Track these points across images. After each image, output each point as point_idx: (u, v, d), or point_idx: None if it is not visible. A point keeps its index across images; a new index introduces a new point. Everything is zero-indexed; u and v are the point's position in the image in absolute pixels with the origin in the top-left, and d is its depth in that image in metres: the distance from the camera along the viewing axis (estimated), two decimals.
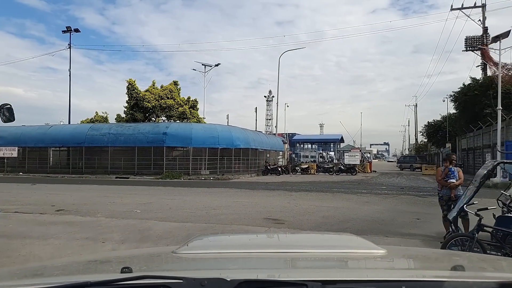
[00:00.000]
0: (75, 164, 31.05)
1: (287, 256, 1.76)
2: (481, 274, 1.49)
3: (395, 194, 15.29)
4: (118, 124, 30.96)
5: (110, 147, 29.58)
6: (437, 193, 7.50)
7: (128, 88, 32.05)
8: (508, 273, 1.60)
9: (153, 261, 1.87)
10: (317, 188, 18.15)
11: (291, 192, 15.83)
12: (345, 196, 14.07)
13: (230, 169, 29.37)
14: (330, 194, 15.05)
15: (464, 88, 34.68)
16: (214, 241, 2.38)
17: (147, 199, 13.23)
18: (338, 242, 2.21)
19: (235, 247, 1.96)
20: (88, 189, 17.47)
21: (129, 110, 32.33)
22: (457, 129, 39.90)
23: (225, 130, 30.30)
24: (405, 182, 23.99)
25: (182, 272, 1.43)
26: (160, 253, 2.11)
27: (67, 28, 35.31)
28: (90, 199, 13.18)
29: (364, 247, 1.88)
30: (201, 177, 27.67)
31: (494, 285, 1.10)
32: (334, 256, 1.75)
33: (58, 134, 31.10)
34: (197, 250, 1.84)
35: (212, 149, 28.79)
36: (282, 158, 41.86)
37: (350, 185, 20.51)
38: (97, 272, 1.61)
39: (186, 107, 32.34)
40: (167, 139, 27.74)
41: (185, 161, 28.79)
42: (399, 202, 12.56)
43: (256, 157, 33.55)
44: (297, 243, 2.24)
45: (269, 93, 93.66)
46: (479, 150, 29.36)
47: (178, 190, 16.82)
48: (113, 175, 28.60)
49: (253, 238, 2.54)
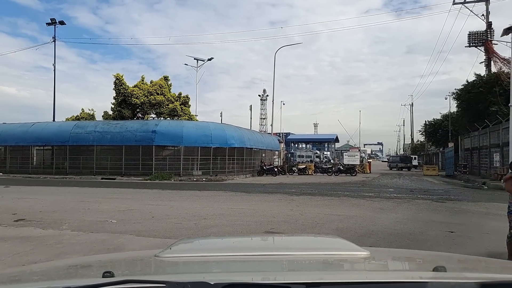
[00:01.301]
0: (59, 164, 29.22)
1: (271, 258, 1.73)
2: (462, 275, 1.51)
3: (408, 198, 13.74)
4: (105, 122, 29.14)
5: (96, 146, 27.79)
6: (506, 204, 5.54)
7: (116, 83, 30.16)
8: (488, 273, 1.63)
9: (135, 265, 1.86)
10: (320, 191, 16.56)
11: (292, 196, 14.21)
12: (354, 201, 12.48)
13: (224, 169, 27.70)
14: (336, 198, 13.46)
15: (468, 85, 33.30)
16: (197, 244, 2.37)
17: (128, 204, 11.54)
18: (322, 244, 2.21)
19: (219, 250, 1.95)
20: (66, 192, 15.72)
21: (117, 106, 30.47)
22: (459, 128, 38.58)
23: (219, 128, 28.61)
24: (410, 184, 22.50)
25: (165, 276, 1.44)
26: (142, 257, 2.06)
27: (52, 21, 33.33)
28: (64, 204, 11.46)
29: (348, 248, 1.87)
30: (193, 178, 25.97)
31: (475, 285, 1.10)
32: (318, 258, 1.76)
33: (41, 133, 29.21)
34: (180, 254, 1.81)
35: (205, 148, 27.11)
36: (278, 158, 40.25)
37: (354, 187, 18.96)
38: (77, 276, 1.57)
39: (177, 103, 30.53)
40: (156, 137, 25.99)
41: (175, 161, 27.07)
42: (418, 208, 10.98)
43: (251, 156, 31.92)
44: (281, 245, 2.26)
45: (263, 92, 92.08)
46: (485, 149, 27.90)
47: (166, 194, 15.13)
48: (99, 175, 26.82)
49: (237, 241, 2.56)
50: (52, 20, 33.33)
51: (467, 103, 32.60)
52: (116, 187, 18.40)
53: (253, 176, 30.15)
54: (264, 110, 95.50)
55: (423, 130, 49.12)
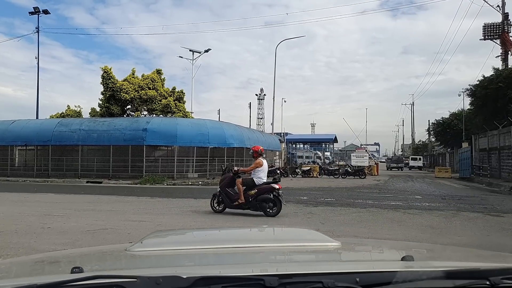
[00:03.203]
0: (40, 166, 26.52)
1: (244, 250, 1.71)
2: (430, 264, 1.58)
3: (449, 209, 11.29)
4: (91, 119, 26.53)
5: (81, 146, 25.11)
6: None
7: (103, 77, 27.37)
8: (455, 261, 1.71)
9: (105, 260, 1.81)
10: (337, 198, 14.09)
11: (309, 206, 11.71)
12: (389, 215, 9.99)
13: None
14: (364, 210, 10.98)
15: (484, 81, 30.94)
16: (170, 237, 2.25)
17: (104, 220, 9.01)
18: (294, 235, 2.21)
19: (192, 243, 1.92)
20: (35, 201, 13.15)
21: (105, 103, 27.74)
22: (471, 127, 36.25)
23: (217, 126, 26.05)
24: (431, 188, 20.08)
25: (136, 270, 1.43)
26: (112, 251, 2.01)
27: (35, 9, 30.67)
28: (20, 220, 8.91)
29: (319, 240, 1.90)
30: (188, 181, 23.40)
31: (441, 273, 1.13)
32: (290, 250, 1.76)
33: (21, 131, 26.47)
34: (151, 247, 1.74)
35: (201, 148, 24.55)
36: (279, 159, 37.76)
37: (373, 194, 16.52)
38: (44, 273, 1.53)
39: (171, 99, 27.81)
40: (147, 136, 23.39)
41: (169, 163, 24.49)
42: (477, 227, 8.52)
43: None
44: (254, 237, 2.22)
45: (261, 92, 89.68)
46: (507, 150, 25.50)
47: (154, 204, 12.59)
48: (85, 178, 24.18)
49: (210, 233, 2.58)
50: (35, 9, 30.67)
51: (483, 100, 30.27)
52: (99, 193, 15.83)
53: None
54: (261, 109, 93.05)
55: (431, 130, 46.78)
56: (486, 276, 1.13)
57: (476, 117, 33.98)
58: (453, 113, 43.98)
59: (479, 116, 32.51)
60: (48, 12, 31.10)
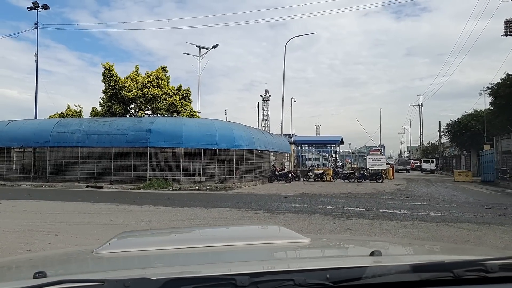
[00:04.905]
0: (37, 169, 24.95)
1: (215, 250, 1.72)
2: (398, 258, 1.61)
3: (509, 223, 9.55)
4: (91, 119, 24.93)
5: (80, 148, 23.53)
6: None
7: (105, 74, 25.73)
8: (421, 255, 1.79)
9: (70, 263, 1.75)
10: (367, 207, 12.41)
11: (339, 218, 10.00)
12: (443, 231, 8.27)
13: (230, 175, 23.45)
14: (408, 223, 9.26)
15: (507, 79, 29.28)
16: (138, 238, 2.20)
17: (100, 237, 7.29)
18: (265, 233, 2.22)
19: (161, 244, 1.87)
20: (24, 209, 11.55)
21: (106, 101, 26.09)
22: (491, 128, 34.46)
23: (225, 127, 24.35)
24: (462, 195, 18.28)
25: (103, 273, 1.35)
26: (78, 253, 1.98)
27: (34, 4, 29.21)
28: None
29: (290, 237, 1.91)
30: (195, 185, 21.76)
31: (408, 267, 1.16)
32: (261, 248, 1.75)
33: (18, 132, 24.90)
34: (119, 249, 1.71)
35: (209, 150, 22.87)
36: (288, 161, 36.02)
37: (403, 201, 14.82)
38: (5, 279, 1.42)
39: (177, 97, 26.08)
40: (151, 137, 21.77)
41: (174, 166, 22.81)
42: None
43: (261, 160, 27.70)
44: (224, 236, 2.22)
45: (266, 93, 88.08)
46: None
47: (159, 215, 10.94)
48: (84, 183, 22.63)
49: (179, 233, 2.51)
50: (34, 4, 29.19)
51: (507, 99, 28.59)
52: (98, 200, 14.21)
53: (263, 182, 25.97)
54: (266, 111, 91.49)
55: (445, 131, 44.90)
56: (450, 268, 1.16)
57: (498, 117, 32.16)
58: (469, 113, 42.10)
59: (502, 116, 30.73)
60: (48, 7, 29.65)
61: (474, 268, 1.16)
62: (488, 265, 1.16)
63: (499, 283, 1.16)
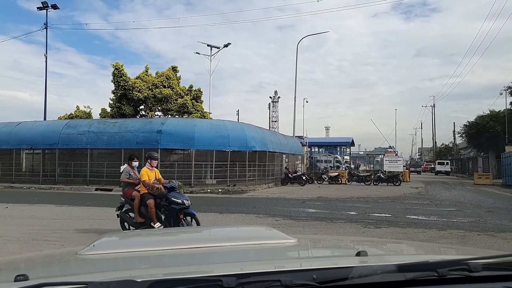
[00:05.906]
0: (46, 172, 24.52)
1: (201, 251, 1.69)
2: (383, 258, 1.60)
3: None
4: (101, 120, 24.41)
5: (89, 150, 23.05)
6: None
7: (115, 74, 25.18)
8: (406, 255, 1.82)
9: (53, 265, 1.70)
10: (393, 213, 11.58)
11: (368, 226, 9.20)
12: (490, 243, 7.43)
13: (243, 177, 22.74)
14: (445, 233, 8.43)
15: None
16: (123, 239, 2.14)
17: None
18: (252, 234, 2.17)
19: (147, 245, 1.83)
20: (30, 215, 10.93)
21: (116, 102, 25.55)
22: None
23: (237, 128, 23.65)
24: (490, 200, 17.30)
25: (87, 275, 1.32)
26: (62, 255, 1.93)
27: (43, 4, 28.85)
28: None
29: (276, 237, 1.89)
30: (207, 188, 21.07)
31: (394, 267, 1.15)
32: (248, 248, 1.73)
33: (26, 133, 24.51)
34: (104, 250, 1.66)
35: (221, 152, 22.21)
36: (301, 163, 35.21)
37: (429, 206, 13.95)
38: None
39: (188, 98, 25.42)
40: (162, 138, 21.16)
41: (186, 168, 22.18)
42: None
43: (273, 162, 26.95)
44: (210, 237, 2.24)
45: (275, 94, 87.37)
46: None
47: None
48: (94, 185, 22.10)
49: (165, 234, 2.46)
50: (44, 4, 28.83)
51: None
52: (107, 205, 13.53)
53: (276, 185, 25.20)
54: (275, 112, 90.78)
55: (462, 132, 43.64)
56: (434, 268, 1.16)
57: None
58: (486, 114, 40.82)
59: None
60: (57, 7, 29.24)
61: (458, 268, 1.16)
62: (471, 265, 1.16)
63: (482, 282, 1.16)
